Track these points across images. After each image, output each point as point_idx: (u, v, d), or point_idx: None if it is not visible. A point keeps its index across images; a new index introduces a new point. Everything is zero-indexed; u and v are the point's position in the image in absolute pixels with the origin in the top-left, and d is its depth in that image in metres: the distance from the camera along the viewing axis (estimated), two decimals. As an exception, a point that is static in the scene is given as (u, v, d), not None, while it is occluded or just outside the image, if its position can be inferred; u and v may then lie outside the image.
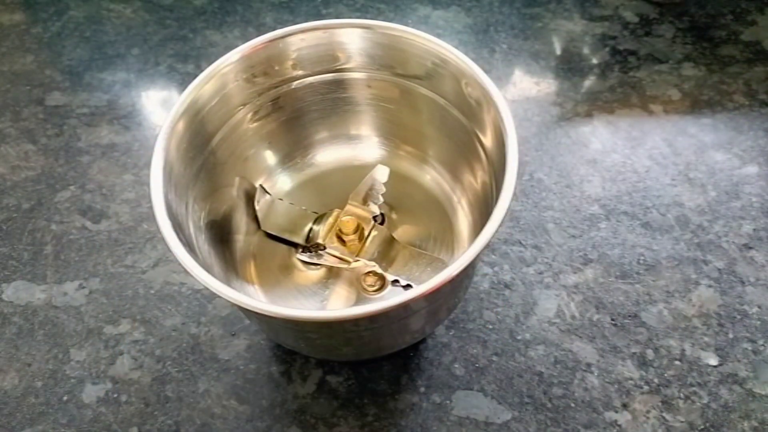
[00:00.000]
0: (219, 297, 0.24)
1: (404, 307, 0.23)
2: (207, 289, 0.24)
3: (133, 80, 0.50)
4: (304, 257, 0.35)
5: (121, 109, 0.48)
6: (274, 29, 0.32)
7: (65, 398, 0.35)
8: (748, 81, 0.47)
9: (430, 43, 0.31)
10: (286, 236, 0.35)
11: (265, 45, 0.31)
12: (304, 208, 0.36)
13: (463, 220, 0.36)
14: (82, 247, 0.41)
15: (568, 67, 0.49)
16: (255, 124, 0.34)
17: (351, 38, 0.32)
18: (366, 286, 0.34)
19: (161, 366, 0.35)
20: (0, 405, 0.35)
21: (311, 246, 0.35)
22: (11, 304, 0.38)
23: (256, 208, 0.36)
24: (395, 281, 0.33)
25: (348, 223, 0.33)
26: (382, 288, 0.34)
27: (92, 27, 0.55)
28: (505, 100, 0.28)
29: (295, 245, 0.35)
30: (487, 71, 0.29)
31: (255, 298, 0.33)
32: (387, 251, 0.34)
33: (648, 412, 0.33)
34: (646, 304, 0.37)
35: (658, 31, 0.51)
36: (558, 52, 0.50)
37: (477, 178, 0.33)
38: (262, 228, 0.35)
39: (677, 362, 0.35)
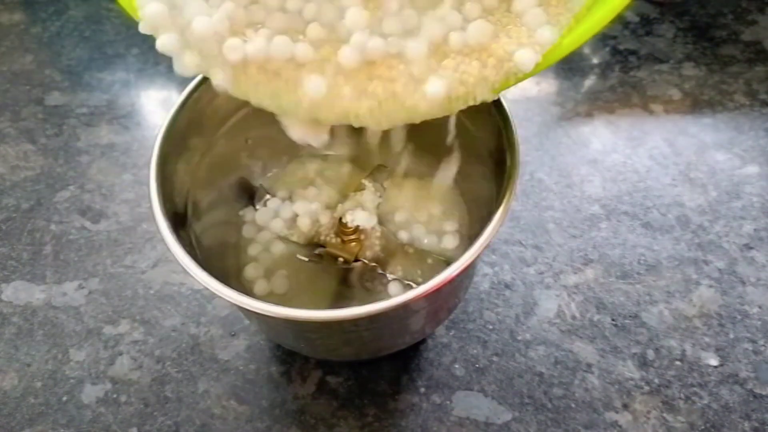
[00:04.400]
0: (219, 297, 0.24)
1: (404, 307, 0.23)
2: (207, 289, 0.24)
3: (133, 80, 0.50)
4: (305, 257, 0.35)
5: (121, 109, 0.48)
6: (273, 29, 0.32)
7: (65, 398, 0.35)
8: (748, 81, 0.47)
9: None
10: (287, 236, 0.35)
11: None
12: (303, 208, 0.36)
13: (463, 220, 0.36)
14: (81, 247, 0.40)
15: (569, 66, 0.49)
16: (255, 124, 0.34)
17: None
18: (366, 286, 0.34)
19: (161, 366, 0.35)
20: (-1, 405, 0.35)
21: (311, 246, 0.34)
22: (10, 305, 0.38)
23: (257, 208, 0.36)
24: (395, 281, 0.33)
25: (348, 223, 0.33)
26: (382, 288, 0.34)
27: (92, 27, 0.54)
28: (505, 99, 0.28)
29: (295, 245, 0.35)
30: (487, 71, 0.29)
31: (255, 298, 0.33)
32: (387, 251, 0.34)
33: (648, 412, 0.33)
34: (646, 304, 0.37)
35: (659, 31, 0.51)
36: (558, 51, 0.50)
37: (477, 178, 0.33)
38: (263, 228, 0.35)
39: (678, 362, 0.35)
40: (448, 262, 0.24)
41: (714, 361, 0.35)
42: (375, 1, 0.22)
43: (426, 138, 0.36)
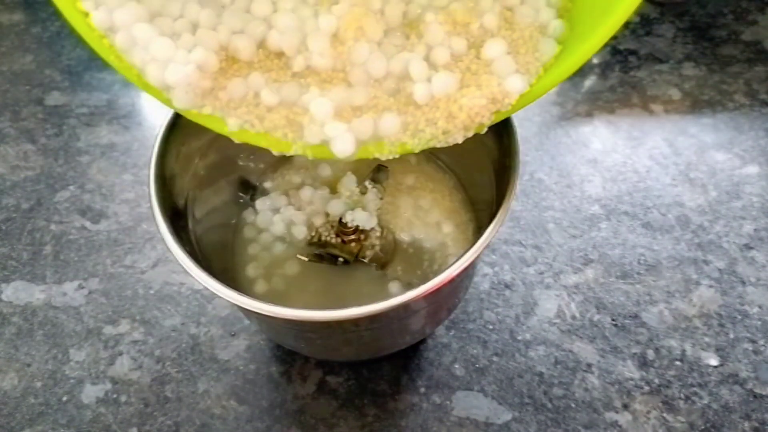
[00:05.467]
0: (218, 297, 0.24)
1: (404, 307, 0.23)
2: (207, 289, 0.24)
3: (133, 80, 0.50)
4: (305, 257, 0.35)
5: (121, 109, 0.48)
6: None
7: (65, 398, 0.35)
8: (748, 81, 0.47)
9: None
10: (287, 236, 0.35)
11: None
12: (298, 217, 0.36)
13: (464, 220, 0.36)
14: (81, 247, 0.40)
15: (569, 66, 0.49)
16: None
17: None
18: (366, 285, 0.34)
19: (161, 366, 0.35)
20: (-1, 405, 0.35)
21: (311, 246, 0.34)
22: (10, 305, 0.38)
23: (257, 208, 0.36)
24: (395, 281, 0.33)
25: (348, 223, 0.33)
26: (382, 288, 0.34)
27: (92, 27, 0.54)
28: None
29: (295, 245, 0.35)
30: (487, 71, 0.29)
31: (255, 297, 0.33)
32: (387, 251, 0.34)
33: (649, 412, 0.33)
34: (646, 304, 0.37)
35: (659, 31, 0.51)
36: (558, 51, 0.50)
37: (478, 178, 0.33)
38: (263, 229, 0.35)
39: (678, 362, 0.35)
40: (447, 262, 0.24)
41: (714, 361, 0.35)
42: (343, 45, 0.22)
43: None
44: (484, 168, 0.31)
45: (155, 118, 0.48)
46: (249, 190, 0.36)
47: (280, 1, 0.23)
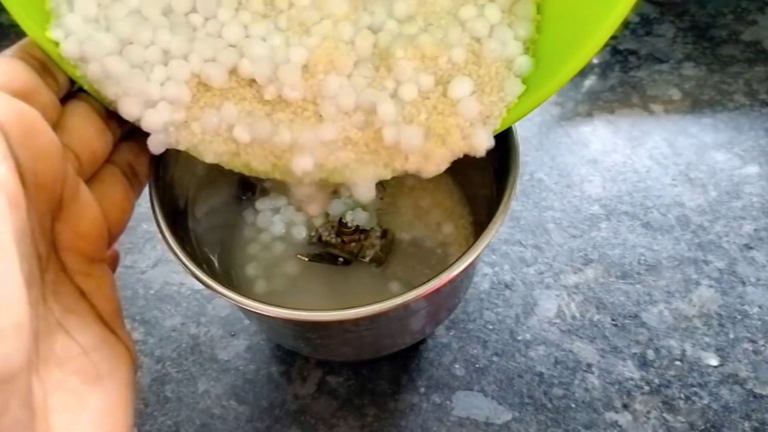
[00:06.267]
0: (218, 297, 0.24)
1: (404, 307, 0.23)
2: (207, 289, 0.24)
3: (133, 80, 0.50)
4: (305, 257, 0.35)
5: (121, 109, 0.48)
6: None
7: (64, 399, 0.35)
8: (748, 81, 0.47)
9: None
10: (287, 236, 0.35)
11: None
12: (298, 218, 0.36)
13: (464, 220, 0.36)
14: (81, 247, 0.40)
15: (569, 66, 0.49)
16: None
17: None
18: (366, 285, 0.34)
19: (161, 366, 0.35)
20: (-1, 405, 0.34)
21: (311, 246, 0.34)
22: (10, 305, 0.38)
23: (257, 208, 0.36)
24: (395, 281, 0.33)
25: (348, 223, 0.33)
26: (382, 288, 0.34)
27: (92, 27, 0.54)
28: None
29: (295, 245, 0.35)
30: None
31: (255, 297, 0.33)
32: (387, 251, 0.34)
33: (648, 412, 0.33)
34: (646, 304, 0.37)
35: (659, 31, 0.51)
36: (558, 51, 0.50)
37: (477, 178, 0.33)
38: (263, 228, 0.35)
39: (678, 362, 0.35)
40: (447, 263, 0.24)
41: (714, 361, 0.35)
42: (314, 78, 0.23)
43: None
44: (484, 168, 0.31)
45: (155, 118, 0.48)
46: (249, 190, 0.36)
47: (251, 26, 0.23)
